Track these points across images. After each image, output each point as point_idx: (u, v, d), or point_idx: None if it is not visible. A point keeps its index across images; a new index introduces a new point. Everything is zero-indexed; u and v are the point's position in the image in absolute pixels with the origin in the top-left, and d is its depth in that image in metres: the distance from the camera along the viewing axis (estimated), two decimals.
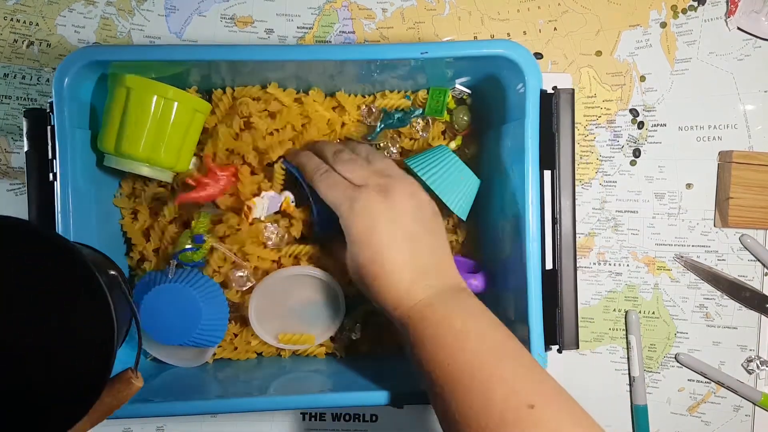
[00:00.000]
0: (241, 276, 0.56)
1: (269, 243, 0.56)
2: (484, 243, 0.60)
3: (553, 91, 0.50)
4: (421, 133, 0.59)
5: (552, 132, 0.50)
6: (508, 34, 0.65)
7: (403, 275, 0.47)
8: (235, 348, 0.59)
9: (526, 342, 0.50)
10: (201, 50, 0.50)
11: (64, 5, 0.62)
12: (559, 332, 0.50)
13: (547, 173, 0.50)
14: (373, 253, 0.47)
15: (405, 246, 0.47)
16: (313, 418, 0.64)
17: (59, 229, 0.48)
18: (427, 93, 0.58)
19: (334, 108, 0.59)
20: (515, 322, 0.53)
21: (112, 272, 0.39)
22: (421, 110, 0.58)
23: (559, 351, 0.50)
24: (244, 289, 0.56)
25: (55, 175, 0.48)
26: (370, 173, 0.50)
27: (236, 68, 0.53)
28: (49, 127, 0.48)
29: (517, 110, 0.52)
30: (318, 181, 0.50)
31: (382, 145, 0.59)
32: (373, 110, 0.58)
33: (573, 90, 0.50)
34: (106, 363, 0.33)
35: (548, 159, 0.50)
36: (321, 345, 0.59)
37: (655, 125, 0.66)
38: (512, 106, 0.53)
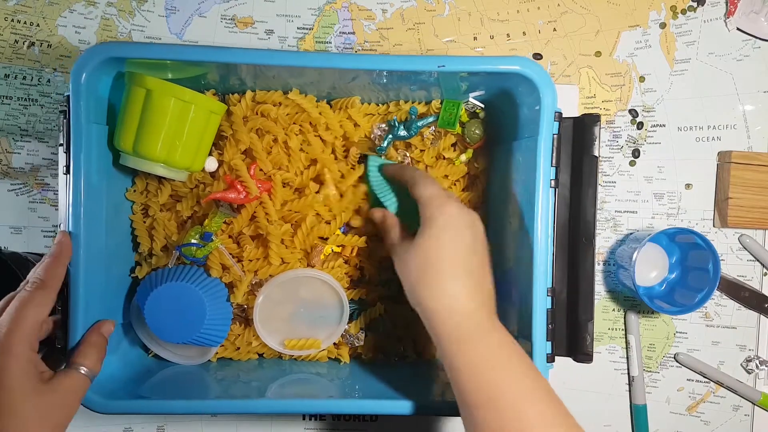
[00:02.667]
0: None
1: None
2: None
3: (588, 115, 0.51)
4: (431, 143, 0.59)
5: (594, 156, 0.51)
6: (508, 35, 0.65)
7: (467, 286, 0.46)
8: (237, 348, 0.59)
9: (529, 354, 0.50)
10: (222, 53, 0.49)
11: (65, 6, 0.63)
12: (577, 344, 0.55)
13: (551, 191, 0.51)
14: (454, 253, 0.46)
15: (479, 262, 0.48)
16: (313, 418, 0.64)
17: (69, 221, 0.48)
18: (441, 104, 0.58)
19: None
20: (518, 337, 0.53)
21: None
22: (433, 117, 0.58)
23: (551, 360, 0.51)
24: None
25: (68, 167, 0.48)
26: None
27: (256, 72, 0.53)
28: (64, 121, 0.48)
29: (530, 127, 0.51)
30: (420, 175, 0.52)
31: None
32: (381, 131, 0.59)
33: (599, 115, 0.52)
34: None
35: (588, 180, 0.52)
36: (323, 349, 0.59)
37: (654, 126, 0.66)
38: (525, 122, 0.52)
